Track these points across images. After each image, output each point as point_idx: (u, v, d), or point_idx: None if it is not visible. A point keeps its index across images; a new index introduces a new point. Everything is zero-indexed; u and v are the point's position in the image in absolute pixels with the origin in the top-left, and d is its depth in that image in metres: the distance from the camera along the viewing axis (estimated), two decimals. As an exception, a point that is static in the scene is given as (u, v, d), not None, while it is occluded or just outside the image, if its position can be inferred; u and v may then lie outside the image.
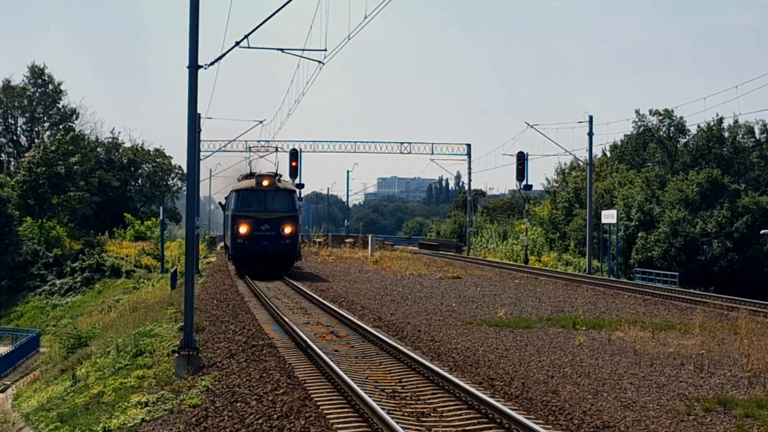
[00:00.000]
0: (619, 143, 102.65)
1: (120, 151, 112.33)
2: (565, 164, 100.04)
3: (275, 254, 44.18)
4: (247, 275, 43.03)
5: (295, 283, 39.59)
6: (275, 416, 14.77)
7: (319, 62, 28.64)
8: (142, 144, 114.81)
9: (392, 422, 13.21)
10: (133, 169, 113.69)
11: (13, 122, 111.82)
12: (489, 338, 23.68)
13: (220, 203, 66.80)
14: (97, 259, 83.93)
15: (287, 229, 44.04)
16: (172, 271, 50.35)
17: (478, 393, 15.34)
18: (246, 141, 76.35)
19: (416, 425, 13.84)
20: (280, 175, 47.25)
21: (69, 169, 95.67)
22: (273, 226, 43.80)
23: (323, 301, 31.57)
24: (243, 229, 43.85)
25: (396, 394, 16.18)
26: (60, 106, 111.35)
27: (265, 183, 44.59)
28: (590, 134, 62.14)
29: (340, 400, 15.81)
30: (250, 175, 48.06)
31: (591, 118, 62.16)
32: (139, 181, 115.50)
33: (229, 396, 16.81)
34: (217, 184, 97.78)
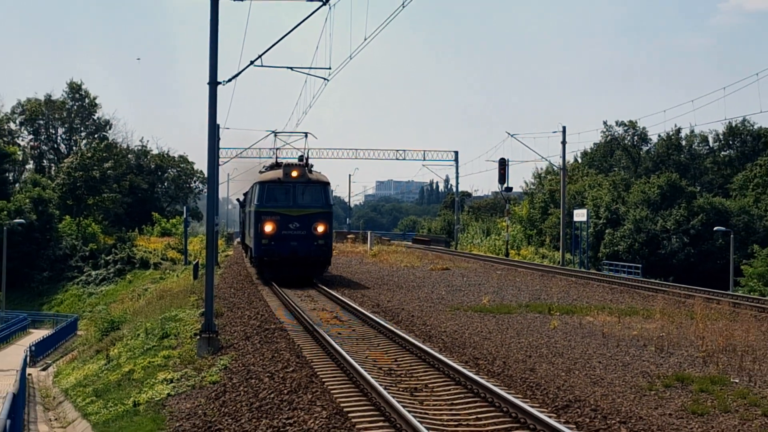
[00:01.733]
0: (589, 150, 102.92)
1: (148, 157, 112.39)
2: (542, 169, 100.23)
3: (306, 257, 34.11)
4: (273, 282, 33.69)
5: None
6: (285, 391, 14.78)
7: (324, 79, 28.50)
8: (168, 151, 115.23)
9: (389, 396, 13.21)
10: (159, 173, 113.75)
11: (53, 132, 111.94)
12: (474, 322, 23.72)
13: (238, 200, 60.13)
14: (128, 252, 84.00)
15: (320, 228, 34.08)
16: (194, 263, 50.29)
17: (465, 371, 15.35)
18: (260, 149, 76.17)
19: (410, 399, 13.85)
20: (311, 165, 36.29)
21: (103, 173, 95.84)
22: (304, 223, 33.92)
23: (327, 289, 31.56)
24: (268, 228, 33.89)
25: (392, 372, 16.19)
26: (95, 117, 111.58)
27: (295, 174, 34.48)
28: (563, 143, 62.16)
29: (343, 377, 15.81)
30: (277, 165, 37.77)
31: (564, 128, 62.18)
32: (165, 183, 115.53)
33: (245, 373, 16.81)
34: (234, 186, 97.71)
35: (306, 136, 39.04)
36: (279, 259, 34.03)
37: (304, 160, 36.80)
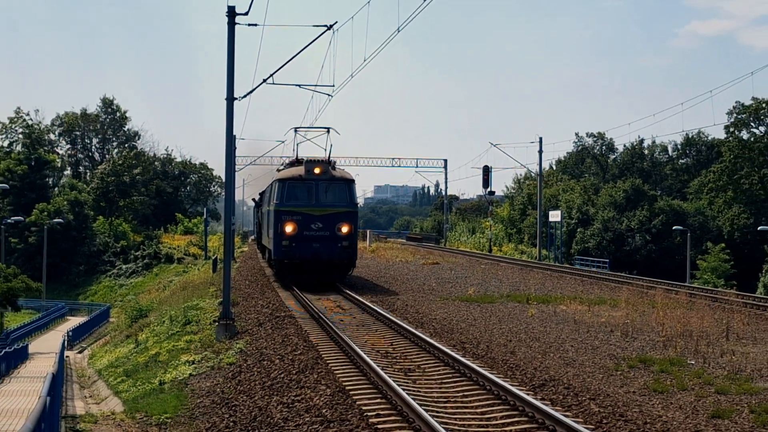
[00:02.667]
0: (563, 158, 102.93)
1: (172, 164, 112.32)
2: (521, 175, 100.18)
3: (329, 260, 28.74)
4: (294, 286, 28.38)
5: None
6: (294, 371, 14.78)
7: (329, 95, 28.32)
8: (190, 159, 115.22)
9: (386, 376, 13.21)
10: (182, 178, 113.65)
11: (88, 142, 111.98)
12: (461, 311, 23.71)
13: (253, 199, 54.47)
14: (154, 248, 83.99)
15: (344, 228, 28.55)
16: (213, 258, 50.22)
17: (453, 353, 15.36)
18: (272, 156, 75.98)
19: (404, 378, 13.85)
20: (334, 162, 30.64)
21: (133, 178, 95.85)
22: (327, 223, 28.51)
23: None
24: (289, 228, 28.47)
25: (388, 354, 16.19)
26: (125, 129, 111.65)
27: (317, 170, 28.78)
28: (540, 151, 62.14)
29: (345, 359, 15.81)
30: (297, 162, 32.01)
31: (540, 139, 62.21)
32: (188, 187, 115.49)
33: (258, 356, 16.81)
34: (248, 190, 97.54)
35: (328, 131, 32.15)
36: (300, 261, 28.65)
37: (327, 157, 31.02)
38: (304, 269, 28.74)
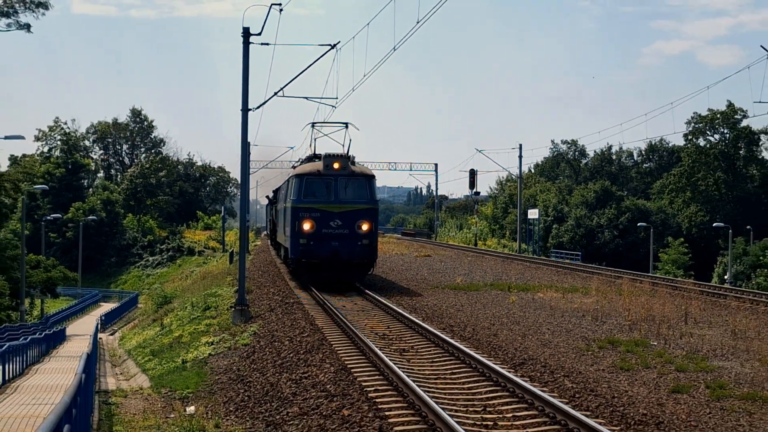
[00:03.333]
0: (540, 163, 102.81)
1: (194, 167, 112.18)
2: (503, 177, 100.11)
3: (348, 259, 24.79)
4: (312, 286, 24.91)
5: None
6: (302, 351, 14.77)
7: (332, 106, 28.11)
8: (209, 163, 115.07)
9: (383, 356, 13.21)
10: (203, 180, 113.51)
11: (119, 148, 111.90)
12: (450, 298, 23.70)
13: (267, 197, 49.10)
14: (177, 242, 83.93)
15: (364, 226, 24.82)
16: (229, 251, 50.22)
17: (443, 336, 15.36)
18: (282, 161, 75.73)
19: (399, 358, 13.85)
20: (353, 157, 26.62)
21: (158, 180, 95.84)
22: (346, 221, 24.71)
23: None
24: (306, 226, 24.56)
25: (385, 336, 16.18)
26: (152, 136, 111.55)
27: (337, 165, 24.95)
28: (520, 157, 62.11)
29: (347, 341, 15.81)
30: (315, 157, 27.88)
31: (521, 145, 62.11)
32: (207, 188, 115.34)
33: (270, 337, 16.80)
34: (261, 191, 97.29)
35: (347, 126, 28.13)
36: (319, 260, 24.78)
37: (346, 152, 26.99)
38: (323, 269, 24.89)
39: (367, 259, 25.12)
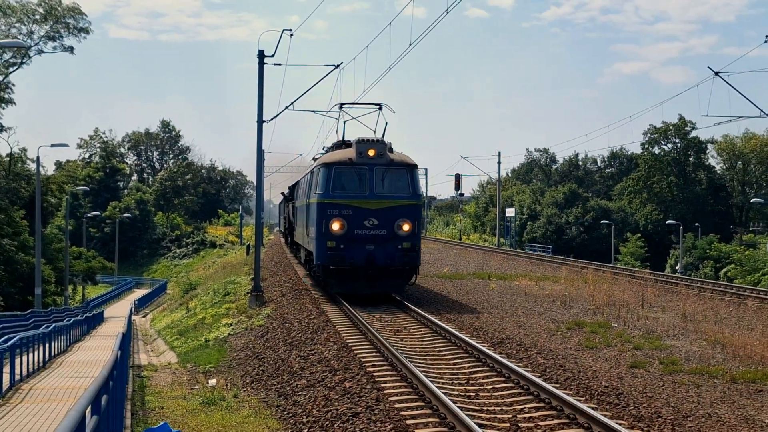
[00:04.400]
0: (516, 168, 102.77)
1: (216, 171, 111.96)
2: (485, 181, 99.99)
3: (386, 266, 17.81)
4: (342, 299, 18.04)
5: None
6: (309, 332, 14.76)
7: (336, 119, 27.87)
8: (229, 167, 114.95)
9: (379, 335, 13.22)
10: (223, 182, 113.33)
11: (150, 154, 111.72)
12: (438, 285, 23.67)
13: (282, 193, 41.38)
14: (201, 237, 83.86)
15: (405, 226, 17.81)
16: (246, 244, 50.15)
17: (432, 318, 15.35)
18: (292, 166, 75.45)
19: (394, 337, 13.85)
20: (390, 143, 18.75)
21: (185, 183, 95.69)
22: (384, 220, 17.76)
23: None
24: (336, 226, 17.69)
25: (381, 319, 16.16)
26: (179, 144, 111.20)
27: (372, 153, 17.88)
28: (499, 162, 62.03)
29: (348, 322, 15.80)
30: (344, 144, 19.97)
31: (499, 153, 61.97)
32: (227, 190, 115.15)
33: (281, 320, 16.78)
34: (274, 192, 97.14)
35: (380, 108, 20.54)
36: (351, 268, 17.82)
37: (382, 136, 19.40)
38: (356, 277, 17.92)
39: (408, 265, 18.14)
